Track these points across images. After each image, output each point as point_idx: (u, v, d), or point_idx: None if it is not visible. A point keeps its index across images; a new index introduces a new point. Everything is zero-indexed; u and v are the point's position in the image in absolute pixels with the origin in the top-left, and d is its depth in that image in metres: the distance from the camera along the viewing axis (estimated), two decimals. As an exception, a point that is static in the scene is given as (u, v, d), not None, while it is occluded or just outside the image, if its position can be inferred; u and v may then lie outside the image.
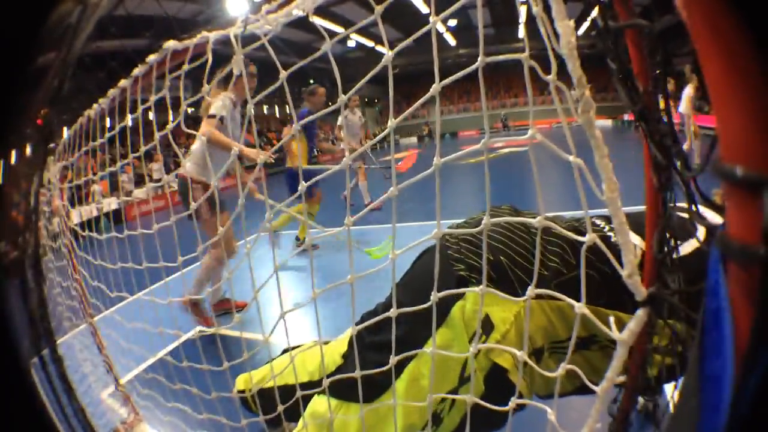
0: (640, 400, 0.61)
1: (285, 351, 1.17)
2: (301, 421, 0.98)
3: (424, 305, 0.68)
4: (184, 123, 0.97)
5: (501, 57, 0.50)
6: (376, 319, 0.76)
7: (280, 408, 0.95)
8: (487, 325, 0.82)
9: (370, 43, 22.04)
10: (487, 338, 0.81)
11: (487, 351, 0.80)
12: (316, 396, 0.95)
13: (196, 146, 2.73)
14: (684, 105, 6.19)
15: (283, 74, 0.71)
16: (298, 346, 1.15)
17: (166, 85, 1.00)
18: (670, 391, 0.63)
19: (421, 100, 0.64)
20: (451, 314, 0.85)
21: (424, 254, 1.01)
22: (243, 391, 1.16)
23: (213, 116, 2.59)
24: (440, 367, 0.80)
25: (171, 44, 0.98)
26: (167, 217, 1.06)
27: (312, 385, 0.95)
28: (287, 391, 0.96)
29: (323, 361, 0.87)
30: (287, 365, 0.99)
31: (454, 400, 0.86)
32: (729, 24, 0.26)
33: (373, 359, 0.79)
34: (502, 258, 0.85)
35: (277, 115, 25.00)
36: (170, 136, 1.01)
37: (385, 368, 0.76)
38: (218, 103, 2.64)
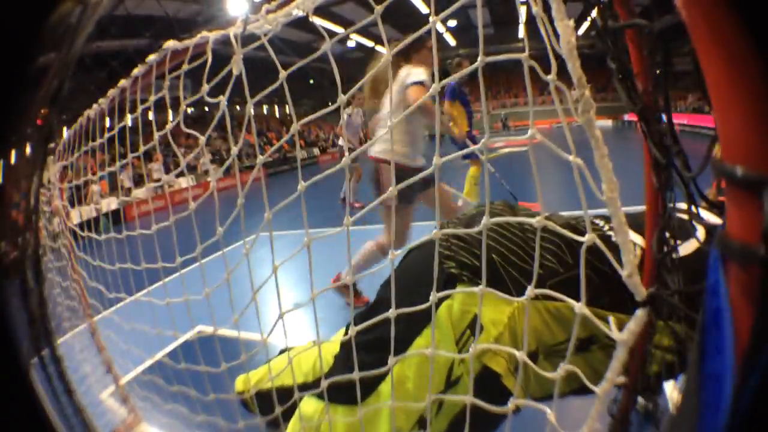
0: (640, 399, 0.61)
1: (282, 351, 1.17)
2: (290, 423, 0.97)
3: (418, 307, 0.67)
4: (183, 123, 0.97)
5: (501, 57, 0.50)
6: (370, 322, 0.76)
7: (278, 410, 0.94)
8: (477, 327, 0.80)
9: (370, 43, 22.03)
10: (474, 340, 0.80)
11: (478, 354, 0.78)
12: (305, 397, 0.94)
13: (385, 120, 2.24)
14: None
15: (283, 74, 0.71)
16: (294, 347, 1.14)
17: (165, 85, 1.00)
18: (670, 391, 0.63)
19: (421, 100, 0.64)
20: (437, 314, 0.81)
21: (412, 251, 0.97)
22: (243, 392, 1.15)
23: (421, 83, 2.06)
24: (426, 370, 0.77)
25: (171, 44, 0.98)
26: (167, 217, 1.05)
27: (307, 386, 0.94)
28: (284, 392, 0.95)
29: (321, 362, 0.86)
30: (285, 367, 0.98)
31: (441, 405, 0.83)
32: (729, 25, 0.26)
33: (362, 360, 0.78)
34: (494, 256, 0.82)
35: (277, 115, 24.98)
36: (169, 137, 1.01)
37: (383, 369, 0.75)
38: (420, 69, 2.13)
